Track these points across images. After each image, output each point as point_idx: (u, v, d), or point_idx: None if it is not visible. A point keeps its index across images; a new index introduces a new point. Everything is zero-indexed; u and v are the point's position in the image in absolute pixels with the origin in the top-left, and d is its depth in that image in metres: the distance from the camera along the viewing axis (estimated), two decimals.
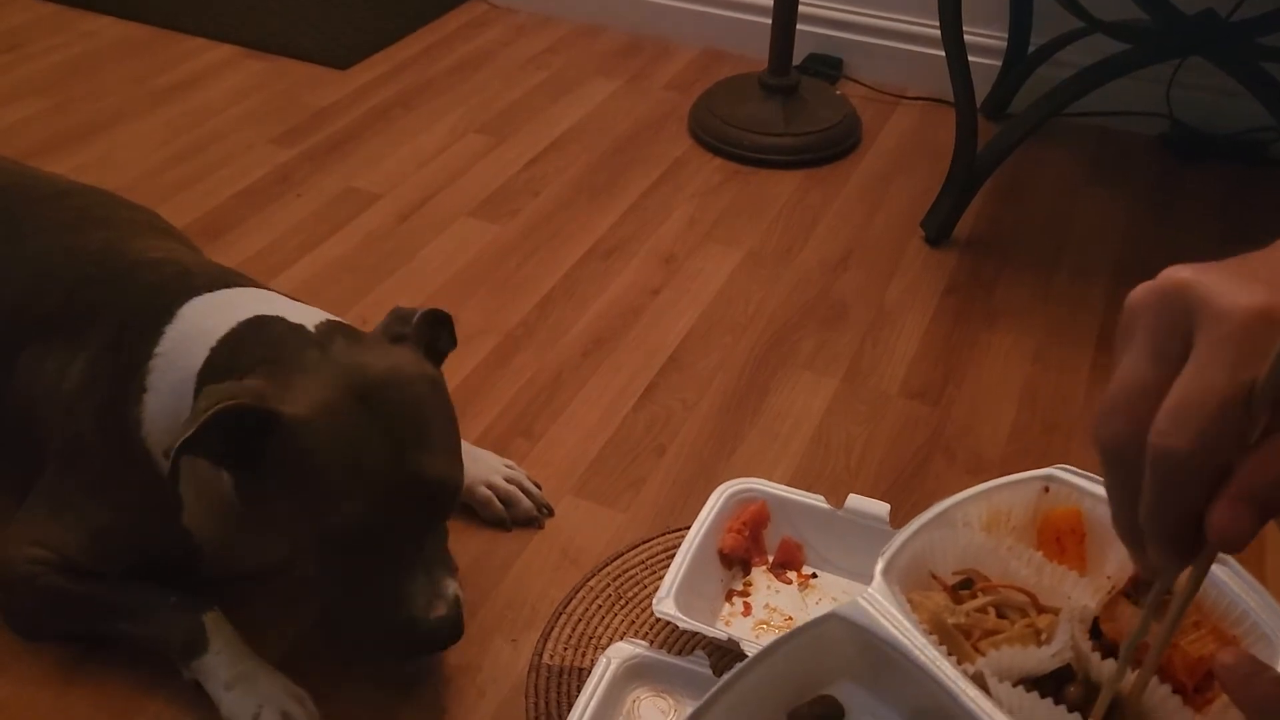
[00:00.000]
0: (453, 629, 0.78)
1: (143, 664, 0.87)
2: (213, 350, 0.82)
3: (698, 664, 0.80)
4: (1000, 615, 0.60)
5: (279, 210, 1.48)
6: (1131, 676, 0.52)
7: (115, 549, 0.87)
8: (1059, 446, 1.14)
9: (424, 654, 0.82)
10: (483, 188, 1.55)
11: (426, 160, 1.62)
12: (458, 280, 1.36)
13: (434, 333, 0.86)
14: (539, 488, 1.05)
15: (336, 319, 0.86)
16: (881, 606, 0.55)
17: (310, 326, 0.82)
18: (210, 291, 0.87)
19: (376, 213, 1.48)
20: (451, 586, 0.78)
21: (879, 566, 0.58)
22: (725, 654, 0.82)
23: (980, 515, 0.64)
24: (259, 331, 0.82)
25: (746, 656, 0.78)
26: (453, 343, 0.89)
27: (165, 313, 0.85)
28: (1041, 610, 0.60)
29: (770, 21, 1.67)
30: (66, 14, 2.01)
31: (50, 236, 0.97)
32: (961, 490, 1.06)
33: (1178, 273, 0.41)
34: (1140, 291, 0.42)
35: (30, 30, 1.94)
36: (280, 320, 0.83)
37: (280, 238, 1.43)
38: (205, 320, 0.84)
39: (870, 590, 0.56)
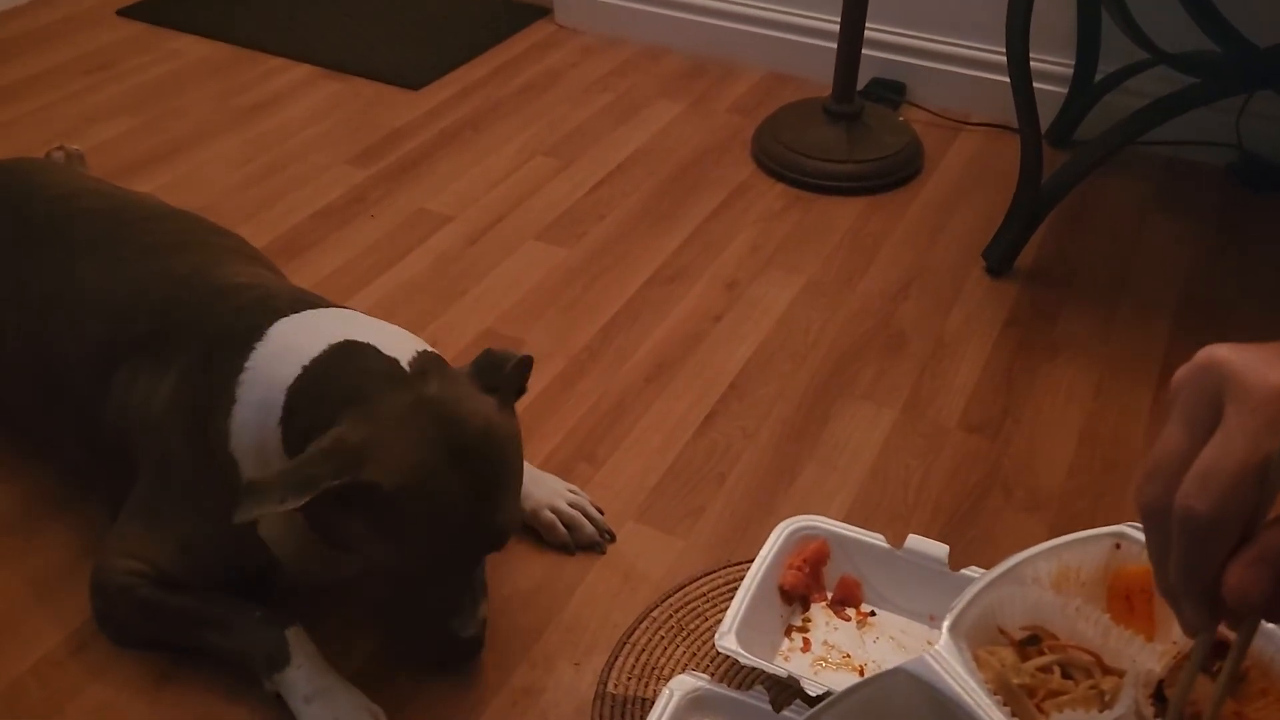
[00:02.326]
0: (477, 646, 0.91)
1: (228, 675, 0.92)
2: (305, 369, 0.84)
3: (758, 699, 0.82)
4: (1065, 675, 0.61)
5: (354, 231, 1.54)
6: None
7: (203, 560, 0.92)
8: (1118, 485, 1.14)
9: (453, 664, 0.94)
10: (550, 211, 1.59)
11: (495, 182, 1.66)
12: (525, 303, 1.40)
13: (523, 380, 0.91)
14: (601, 513, 1.08)
15: (428, 349, 0.89)
16: (947, 664, 0.57)
17: (404, 362, 0.85)
18: (296, 313, 0.91)
19: (447, 235, 1.53)
20: (483, 610, 0.89)
21: (947, 623, 0.60)
22: (785, 689, 0.84)
23: (1050, 571, 0.66)
24: (351, 359, 0.85)
25: (805, 693, 0.81)
26: (524, 387, 0.94)
27: (255, 332, 0.89)
28: (1107, 672, 0.62)
29: (834, 46, 1.69)
30: (154, 33, 2.09)
31: (144, 260, 1.02)
32: (1017, 527, 1.07)
33: (1215, 351, 0.44)
34: (1182, 369, 0.46)
35: (120, 49, 2.03)
36: (372, 350, 0.85)
37: (355, 258, 1.48)
38: (295, 339, 0.87)
39: (937, 647, 0.58)
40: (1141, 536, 0.67)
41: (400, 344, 0.87)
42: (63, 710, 0.90)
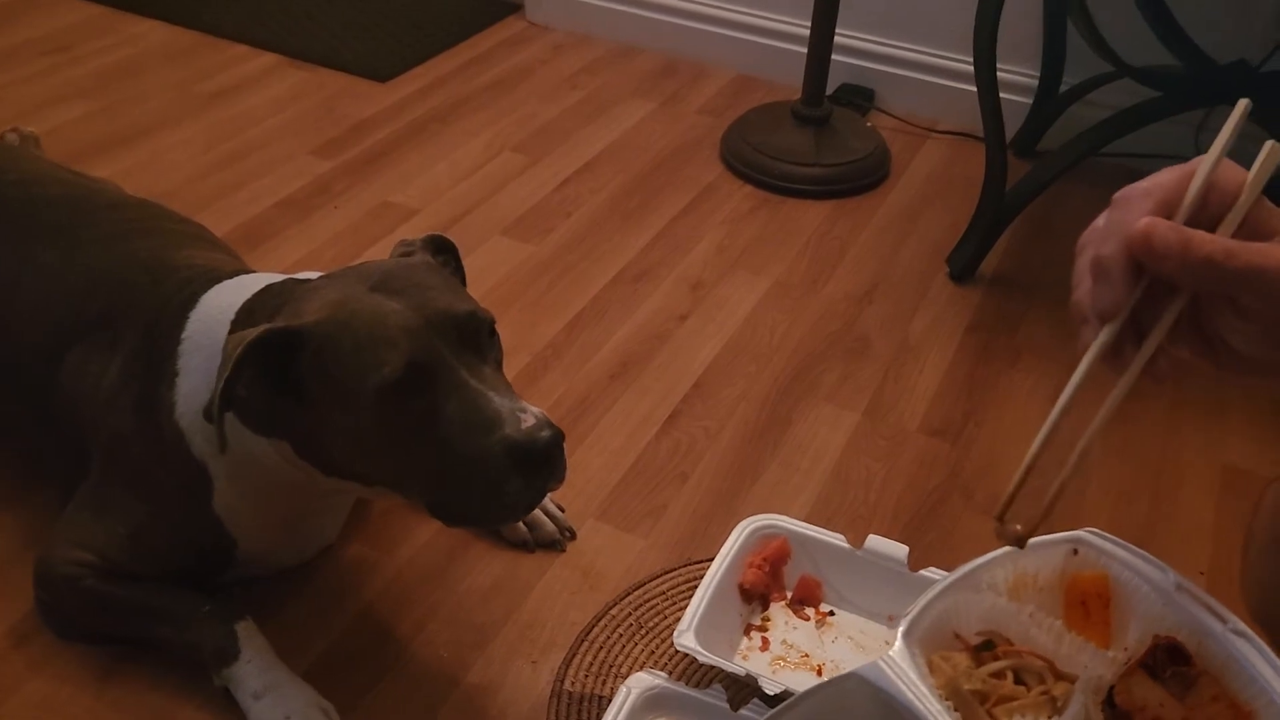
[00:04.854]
0: (551, 430, 0.74)
1: (175, 669, 0.90)
2: (233, 322, 0.85)
3: (715, 697, 0.82)
4: (1018, 681, 0.62)
5: (317, 222, 1.51)
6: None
7: (154, 546, 0.90)
8: (1077, 490, 1.15)
9: (540, 475, 0.75)
10: (517, 206, 1.58)
11: (462, 177, 1.65)
12: (490, 299, 1.39)
13: (441, 258, 0.90)
14: (562, 510, 1.07)
15: None
16: (900, 669, 0.57)
17: (315, 276, 0.86)
18: (231, 279, 0.91)
19: (412, 228, 1.51)
20: (530, 406, 0.75)
21: (901, 629, 0.60)
22: (742, 688, 0.84)
23: (1006, 577, 0.66)
24: (271, 293, 0.86)
25: (763, 692, 0.80)
26: (460, 274, 0.92)
27: (190, 301, 0.89)
28: (1059, 678, 0.62)
29: (804, 50, 1.69)
30: (115, 16, 2.05)
31: (102, 246, 1.00)
32: (976, 530, 1.08)
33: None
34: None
35: (79, 31, 1.99)
36: (288, 279, 0.88)
37: (317, 249, 1.46)
38: (224, 300, 0.88)
39: (890, 653, 0.58)
40: (1098, 542, 0.67)
41: (315, 275, 0.88)
42: (2, 705, 0.87)
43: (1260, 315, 0.48)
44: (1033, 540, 0.68)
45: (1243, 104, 0.52)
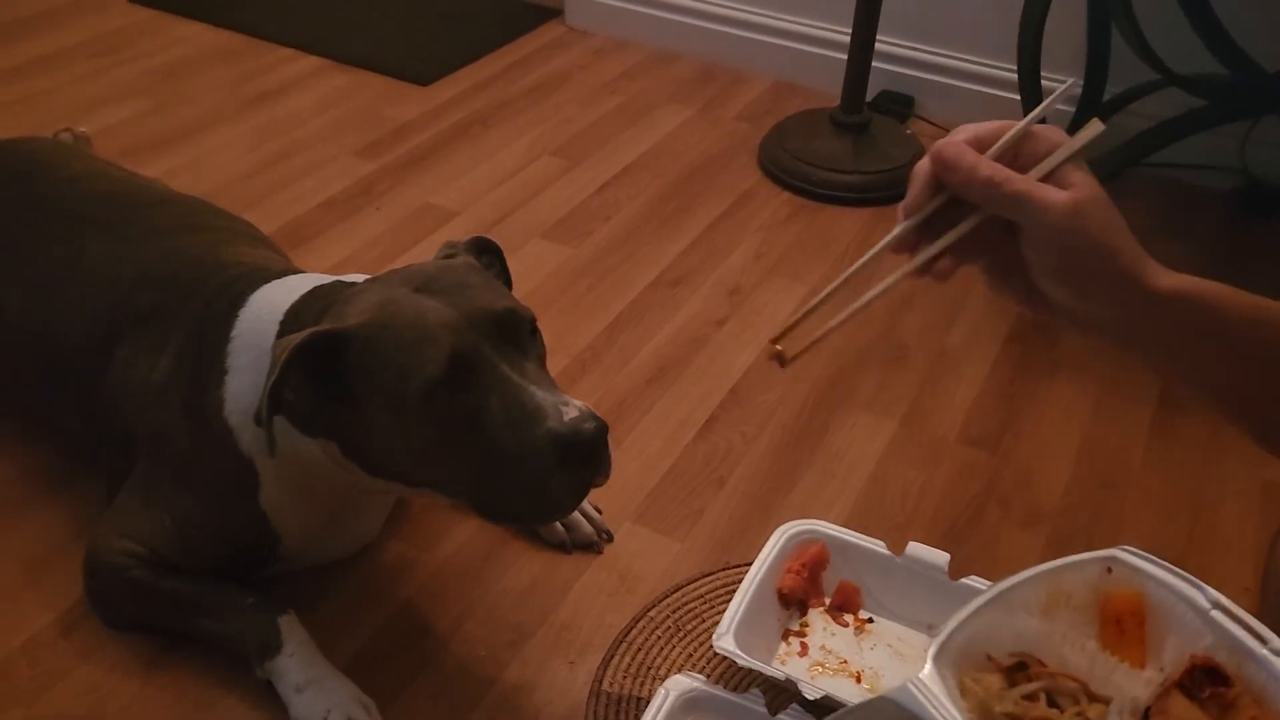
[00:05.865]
0: (595, 422, 0.74)
1: (220, 661, 0.91)
2: (281, 323, 0.87)
3: (753, 701, 0.82)
4: (1051, 703, 0.61)
5: (359, 222, 1.53)
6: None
7: (200, 538, 0.91)
8: (1115, 502, 1.14)
9: (585, 468, 0.76)
10: (556, 210, 1.59)
11: (502, 180, 1.66)
12: (529, 301, 1.38)
13: (484, 260, 0.90)
14: (600, 513, 1.08)
15: None
16: (930, 693, 0.57)
17: (361, 279, 0.88)
18: (279, 279, 0.92)
19: (452, 230, 1.53)
20: (574, 400, 0.76)
21: (932, 651, 0.59)
22: (780, 692, 0.84)
23: (1040, 597, 0.65)
24: (318, 295, 0.87)
25: (802, 696, 0.80)
26: (505, 275, 0.93)
27: (239, 300, 0.91)
28: (1093, 699, 0.61)
29: (843, 57, 1.69)
30: (163, 19, 2.09)
31: (153, 240, 1.02)
32: (1014, 541, 1.07)
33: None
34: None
35: (128, 34, 2.03)
36: (336, 281, 0.89)
37: (359, 250, 1.47)
38: (273, 299, 0.89)
39: (920, 675, 0.58)
40: (1133, 560, 0.66)
41: (363, 278, 0.89)
42: (51, 690, 0.89)
43: (1036, 243, 0.58)
44: (1066, 560, 0.67)
45: (1069, 82, 0.67)
